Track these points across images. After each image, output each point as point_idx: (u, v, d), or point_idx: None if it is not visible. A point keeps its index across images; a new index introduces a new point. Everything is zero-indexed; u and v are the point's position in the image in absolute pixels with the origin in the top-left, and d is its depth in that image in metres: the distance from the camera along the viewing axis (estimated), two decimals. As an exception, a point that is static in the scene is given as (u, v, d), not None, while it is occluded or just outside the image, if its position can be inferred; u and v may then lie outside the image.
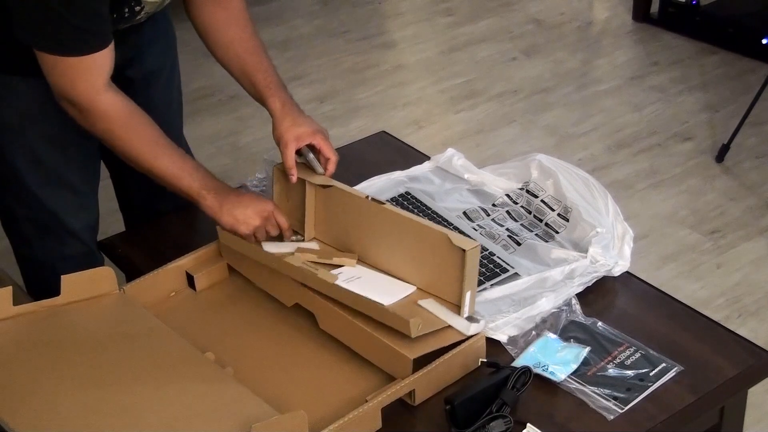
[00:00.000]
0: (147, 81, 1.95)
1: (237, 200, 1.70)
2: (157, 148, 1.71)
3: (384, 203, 1.64)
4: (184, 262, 1.75)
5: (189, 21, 1.88)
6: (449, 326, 1.56)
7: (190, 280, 1.76)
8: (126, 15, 1.69)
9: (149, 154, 1.70)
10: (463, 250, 1.52)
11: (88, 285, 1.64)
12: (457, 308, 1.57)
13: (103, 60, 1.63)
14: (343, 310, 1.59)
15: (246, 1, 1.89)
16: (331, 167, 1.74)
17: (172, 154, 1.72)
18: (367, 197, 1.65)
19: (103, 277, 1.65)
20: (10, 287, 1.59)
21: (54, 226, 1.91)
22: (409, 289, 1.63)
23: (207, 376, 1.48)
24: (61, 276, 1.62)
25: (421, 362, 1.50)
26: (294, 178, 1.71)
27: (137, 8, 1.69)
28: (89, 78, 1.62)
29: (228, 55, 1.85)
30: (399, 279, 1.65)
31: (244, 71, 1.84)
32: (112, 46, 1.64)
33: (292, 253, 1.67)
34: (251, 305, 1.71)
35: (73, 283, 1.63)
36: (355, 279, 1.63)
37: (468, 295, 1.57)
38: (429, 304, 1.59)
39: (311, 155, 1.73)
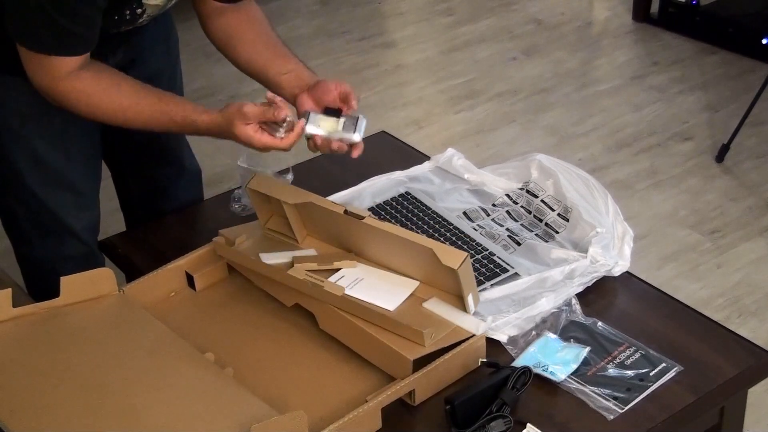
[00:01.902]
0: (149, 82, 1.94)
1: (222, 136, 1.66)
2: (136, 96, 1.68)
3: (364, 217, 1.61)
4: (184, 262, 1.75)
5: (190, 21, 1.87)
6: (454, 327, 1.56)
7: (190, 280, 1.75)
8: (127, 17, 1.69)
9: (130, 105, 1.67)
10: (454, 269, 1.52)
11: (88, 286, 1.64)
12: (461, 302, 1.57)
13: (76, 61, 1.62)
14: (343, 310, 1.59)
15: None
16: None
17: (150, 95, 1.69)
18: (344, 211, 1.63)
19: (103, 278, 1.65)
20: (10, 289, 1.59)
21: (54, 226, 1.91)
22: (413, 285, 1.63)
23: (207, 376, 1.48)
24: (61, 277, 1.62)
25: (421, 362, 1.50)
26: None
27: (139, 11, 1.69)
28: (57, 71, 1.62)
29: (251, 57, 1.82)
30: (400, 273, 1.66)
31: (270, 71, 1.79)
32: (86, 56, 1.64)
33: (292, 263, 1.66)
34: (251, 305, 1.71)
35: (73, 284, 1.62)
36: (358, 282, 1.62)
37: (470, 297, 1.57)
38: (434, 305, 1.59)
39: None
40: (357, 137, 1.66)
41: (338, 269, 1.65)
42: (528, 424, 1.45)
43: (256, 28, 1.84)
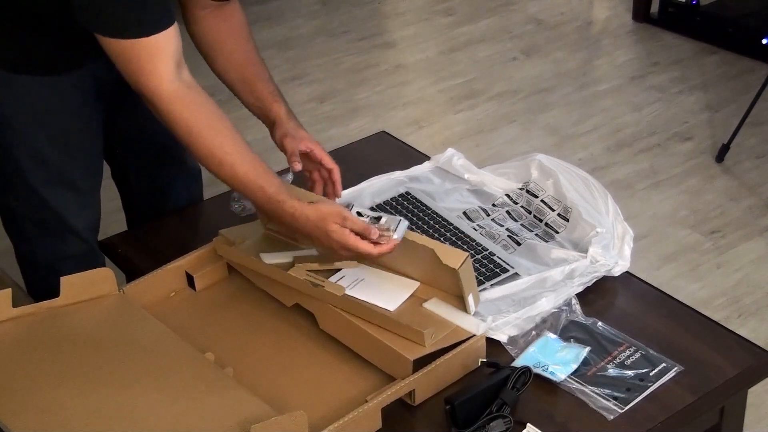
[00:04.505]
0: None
1: (304, 230, 1.61)
2: (232, 145, 1.62)
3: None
4: (184, 262, 1.75)
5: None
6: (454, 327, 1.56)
7: (190, 280, 1.75)
8: None
9: (221, 150, 1.60)
10: (454, 269, 1.52)
11: (88, 286, 1.64)
12: (461, 302, 1.57)
13: (166, 42, 1.55)
14: (343, 310, 1.59)
15: (246, 2, 1.89)
16: (336, 176, 1.78)
17: (246, 152, 1.63)
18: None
19: (103, 278, 1.65)
20: (10, 289, 1.59)
21: (56, 226, 1.91)
22: (413, 285, 1.63)
23: (206, 376, 1.48)
24: (61, 277, 1.62)
25: (421, 362, 1.50)
26: (298, 165, 1.75)
27: None
28: (154, 63, 1.55)
29: (229, 64, 1.84)
30: (401, 274, 1.65)
31: (245, 79, 1.84)
32: (176, 27, 1.57)
33: (292, 263, 1.66)
34: (251, 305, 1.71)
35: (73, 285, 1.62)
36: (358, 282, 1.63)
37: (471, 297, 1.57)
38: (434, 305, 1.59)
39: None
40: (396, 237, 1.59)
41: (339, 269, 1.65)
42: (528, 424, 1.45)
43: (235, 41, 1.85)
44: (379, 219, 1.59)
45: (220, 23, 1.84)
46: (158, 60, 1.55)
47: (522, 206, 1.92)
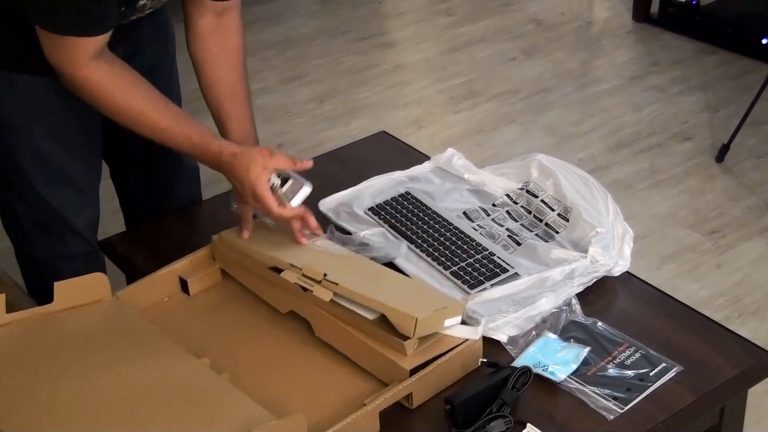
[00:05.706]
0: (148, 77, 1.95)
1: (230, 170, 1.68)
2: (150, 104, 1.69)
3: (308, 290, 1.59)
4: (177, 266, 1.74)
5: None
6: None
7: (184, 285, 1.74)
8: (136, 6, 1.70)
9: (149, 109, 1.69)
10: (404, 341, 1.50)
11: (82, 291, 1.63)
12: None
13: (95, 42, 1.62)
14: (338, 318, 1.58)
15: (244, 7, 1.88)
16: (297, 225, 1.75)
17: (167, 107, 1.71)
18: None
19: (97, 283, 1.64)
20: (3, 295, 1.58)
21: (57, 225, 1.91)
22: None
23: (203, 381, 1.47)
24: (54, 283, 1.61)
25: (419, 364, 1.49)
26: (247, 234, 1.74)
27: (142, 1, 1.70)
28: (76, 55, 1.62)
29: (210, 93, 1.86)
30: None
31: (219, 115, 1.85)
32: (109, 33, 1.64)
33: (294, 272, 1.64)
34: (245, 309, 1.70)
35: (67, 290, 1.61)
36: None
37: (448, 322, 1.55)
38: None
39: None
40: (293, 204, 1.67)
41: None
42: (528, 424, 1.45)
43: (224, 69, 1.86)
44: (286, 181, 1.66)
45: (212, 47, 1.84)
46: (85, 50, 1.62)
47: (522, 206, 1.92)
